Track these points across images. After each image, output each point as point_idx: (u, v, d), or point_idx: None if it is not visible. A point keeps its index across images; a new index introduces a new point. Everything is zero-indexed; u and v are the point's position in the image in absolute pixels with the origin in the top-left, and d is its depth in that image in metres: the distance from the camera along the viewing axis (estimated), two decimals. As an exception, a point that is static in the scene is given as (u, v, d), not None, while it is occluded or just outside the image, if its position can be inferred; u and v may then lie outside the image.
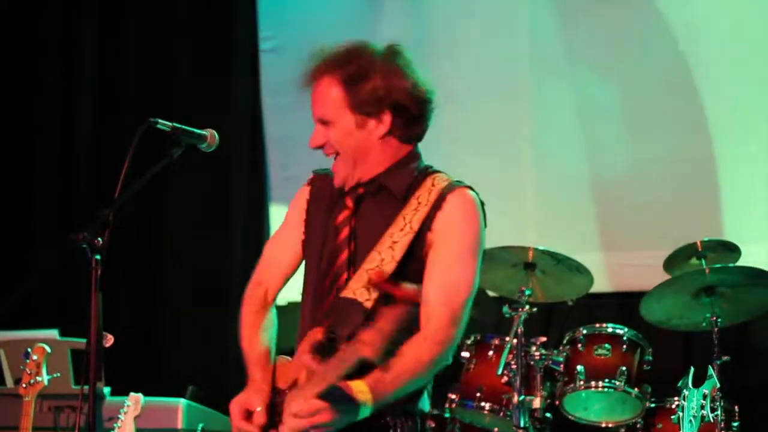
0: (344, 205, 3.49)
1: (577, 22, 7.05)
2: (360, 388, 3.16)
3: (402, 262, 3.33)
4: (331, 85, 3.41)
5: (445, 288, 3.33)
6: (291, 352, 3.50)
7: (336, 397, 3.13)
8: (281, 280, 3.67)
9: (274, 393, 3.40)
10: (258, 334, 3.55)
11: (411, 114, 3.44)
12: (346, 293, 3.34)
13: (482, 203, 3.47)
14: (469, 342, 5.95)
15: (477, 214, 3.43)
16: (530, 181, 7.03)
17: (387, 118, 3.42)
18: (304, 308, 3.52)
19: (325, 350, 3.24)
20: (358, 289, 3.32)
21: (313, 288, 3.50)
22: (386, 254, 3.34)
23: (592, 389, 5.75)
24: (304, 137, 3.54)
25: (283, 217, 3.73)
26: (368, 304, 3.29)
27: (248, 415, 3.36)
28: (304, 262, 3.62)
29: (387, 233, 3.37)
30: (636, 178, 6.87)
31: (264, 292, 3.64)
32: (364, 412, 3.18)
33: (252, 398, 3.38)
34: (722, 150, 6.71)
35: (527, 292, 5.85)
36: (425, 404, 3.44)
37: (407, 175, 3.47)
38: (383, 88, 3.39)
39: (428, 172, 3.50)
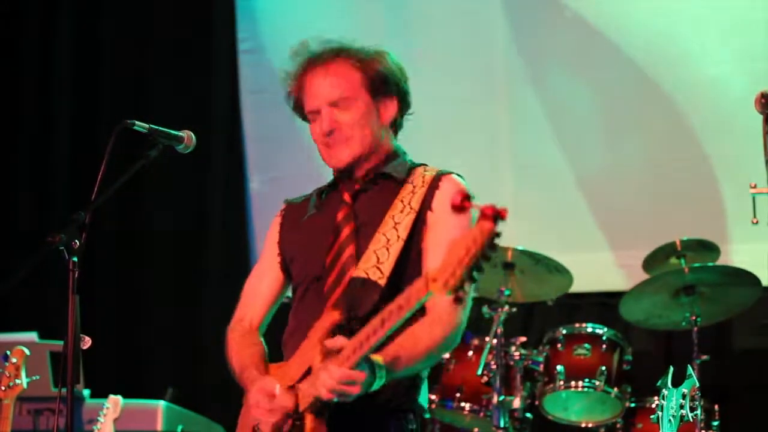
0: (340, 202, 3.47)
1: (552, 23, 7.07)
2: (377, 361, 3.08)
3: (407, 240, 3.33)
4: (345, 67, 3.44)
5: None
6: (279, 359, 3.47)
7: (364, 367, 3.04)
8: (262, 308, 3.60)
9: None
10: (247, 347, 3.47)
11: (407, 103, 3.52)
12: (358, 273, 3.30)
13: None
14: (448, 342, 5.95)
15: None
16: (509, 182, 7.04)
17: (395, 103, 3.49)
18: (300, 308, 3.46)
19: (345, 331, 3.17)
20: (370, 269, 3.29)
21: (311, 287, 3.43)
22: (391, 234, 3.33)
23: (572, 389, 5.76)
24: (283, 138, 3.53)
25: (262, 217, 3.72)
26: (382, 282, 3.26)
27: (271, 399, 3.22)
28: (294, 273, 3.55)
29: (388, 215, 3.37)
30: (614, 179, 6.89)
31: (248, 325, 3.57)
32: (378, 384, 3.09)
33: (267, 384, 3.25)
34: (700, 150, 6.73)
35: (506, 292, 5.86)
36: (424, 399, 3.43)
37: (403, 164, 3.50)
38: (391, 70, 3.47)
39: (416, 163, 3.54)
